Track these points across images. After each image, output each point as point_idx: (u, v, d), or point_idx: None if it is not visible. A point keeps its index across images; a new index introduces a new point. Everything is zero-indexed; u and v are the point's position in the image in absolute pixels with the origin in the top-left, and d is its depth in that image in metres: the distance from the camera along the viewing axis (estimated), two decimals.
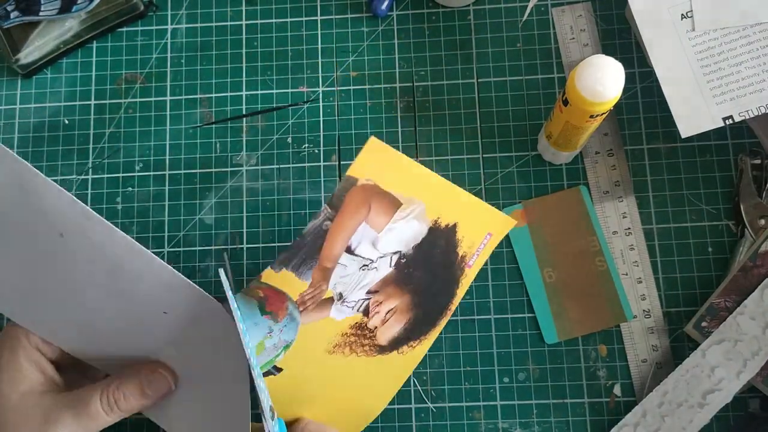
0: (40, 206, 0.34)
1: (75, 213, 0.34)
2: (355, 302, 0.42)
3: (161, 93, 0.56)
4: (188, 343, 0.39)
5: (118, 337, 0.40)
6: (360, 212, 0.39)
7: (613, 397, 0.50)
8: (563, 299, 0.51)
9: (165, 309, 0.38)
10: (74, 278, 0.37)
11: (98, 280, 0.37)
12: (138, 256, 0.35)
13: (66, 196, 0.34)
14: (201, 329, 0.39)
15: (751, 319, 0.47)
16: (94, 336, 0.39)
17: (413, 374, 0.51)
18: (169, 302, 0.38)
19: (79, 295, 0.38)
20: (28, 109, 0.57)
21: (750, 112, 0.46)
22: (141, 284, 0.37)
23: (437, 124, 0.55)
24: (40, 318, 0.39)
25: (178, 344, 0.39)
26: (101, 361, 0.41)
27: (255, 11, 0.57)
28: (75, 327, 0.39)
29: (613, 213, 0.52)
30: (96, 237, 0.35)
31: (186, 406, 0.41)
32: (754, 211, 0.50)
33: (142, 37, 0.57)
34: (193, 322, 0.38)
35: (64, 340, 0.40)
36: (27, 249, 0.36)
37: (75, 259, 0.36)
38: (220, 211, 0.54)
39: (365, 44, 0.56)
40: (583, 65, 0.42)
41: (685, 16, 0.47)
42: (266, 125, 0.55)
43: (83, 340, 0.40)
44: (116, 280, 0.37)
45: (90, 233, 0.35)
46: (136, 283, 0.37)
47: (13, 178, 0.34)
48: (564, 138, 0.48)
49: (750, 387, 0.48)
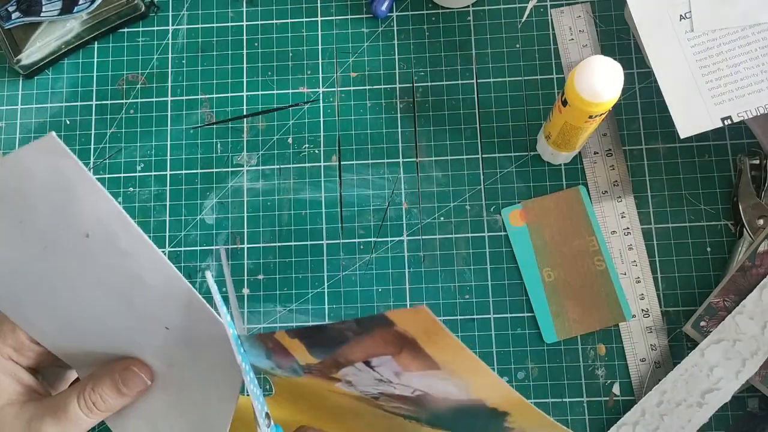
0: (75, 204, 0.34)
1: (111, 218, 0.34)
2: (364, 392, 0.37)
3: (162, 93, 0.56)
4: (180, 358, 0.39)
5: (107, 339, 0.39)
6: (387, 349, 0.33)
7: (611, 396, 0.50)
8: (562, 299, 0.51)
9: (169, 325, 0.38)
10: (85, 279, 0.36)
11: (111, 286, 0.36)
12: (161, 272, 0.35)
13: (108, 200, 0.33)
14: (199, 348, 0.38)
15: (750, 318, 0.47)
16: (85, 337, 0.39)
17: None
18: (177, 320, 0.37)
19: (83, 296, 0.37)
20: (29, 109, 0.57)
21: (748, 112, 0.46)
22: (155, 299, 0.36)
23: (437, 124, 0.55)
24: (30, 311, 0.38)
25: (168, 355, 0.39)
26: (78, 360, 0.40)
27: (256, 12, 0.57)
28: (67, 325, 0.39)
29: (611, 213, 0.52)
30: (123, 245, 0.34)
31: (165, 415, 0.40)
32: (752, 211, 0.50)
33: (143, 38, 0.57)
34: (193, 340, 0.38)
35: (50, 337, 0.39)
36: (45, 242, 0.36)
37: (94, 261, 0.36)
38: (220, 212, 0.54)
39: (365, 45, 0.56)
40: (582, 66, 0.42)
41: (683, 17, 0.47)
42: (267, 126, 0.56)
43: (70, 339, 0.39)
44: (131, 289, 0.36)
45: (119, 241, 0.34)
46: (150, 297, 0.36)
47: (55, 173, 0.33)
48: (563, 138, 0.48)
49: (749, 386, 0.48)
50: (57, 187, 0.33)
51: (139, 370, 0.39)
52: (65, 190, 0.33)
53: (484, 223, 0.53)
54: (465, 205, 0.54)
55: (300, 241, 0.54)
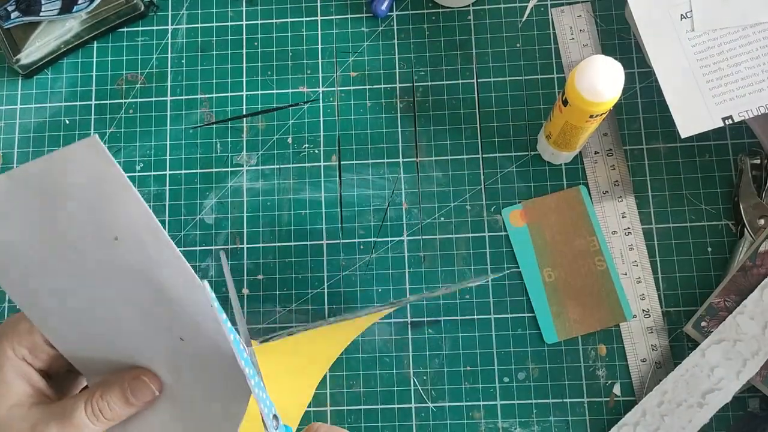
0: (108, 206, 0.34)
1: (141, 223, 0.33)
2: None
3: (162, 93, 0.56)
4: (190, 370, 0.39)
5: (120, 345, 0.39)
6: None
7: (612, 396, 0.50)
8: (563, 299, 0.51)
9: (184, 336, 0.38)
10: (108, 283, 0.36)
11: (132, 292, 0.36)
12: (185, 283, 0.35)
13: (140, 205, 0.33)
14: (210, 361, 0.38)
15: (751, 318, 0.47)
16: (99, 342, 0.39)
17: (413, 374, 0.51)
18: (192, 332, 0.37)
19: (103, 298, 0.37)
20: (28, 109, 0.57)
21: (749, 112, 0.46)
22: (174, 309, 0.36)
23: (437, 124, 0.55)
24: (49, 311, 0.38)
25: (178, 367, 0.39)
26: (90, 367, 0.41)
27: (255, 12, 0.57)
28: (83, 328, 0.39)
29: (612, 213, 0.52)
30: (151, 252, 0.34)
31: (168, 428, 0.40)
32: (753, 210, 0.50)
33: (142, 38, 0.57)
34: (205, 353, 0.38)
35: (65, 341, 0.39)
36: (74, 242, 0.35)
37: (119, 265, 0.35)
38: (220, 211, 0.54)
39: (365, 44, 0.56)
40: (583, 65, 0.42)
41: (684, 17, 0.47)
42: (266, 125, 0.55)
43: (84, 343, 0.39)
44: (151, 297, 0.36)
45: (147, 248, 0.34)
46: (169, 307, 0.36)
47: (92, 174, 0.33)
48: (563, 138, 0.48)
49: (749, 386, 0.48)
50: (92, 187, 0.33)
51: (149, 381, 0.39)
52: (100, 191, 0.33)
53: (485, 223, 0.53)
54: (465, 205, 0.53)
55: (300, 241, 0.54)
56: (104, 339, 0.39)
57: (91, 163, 0.33)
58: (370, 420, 0.51)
